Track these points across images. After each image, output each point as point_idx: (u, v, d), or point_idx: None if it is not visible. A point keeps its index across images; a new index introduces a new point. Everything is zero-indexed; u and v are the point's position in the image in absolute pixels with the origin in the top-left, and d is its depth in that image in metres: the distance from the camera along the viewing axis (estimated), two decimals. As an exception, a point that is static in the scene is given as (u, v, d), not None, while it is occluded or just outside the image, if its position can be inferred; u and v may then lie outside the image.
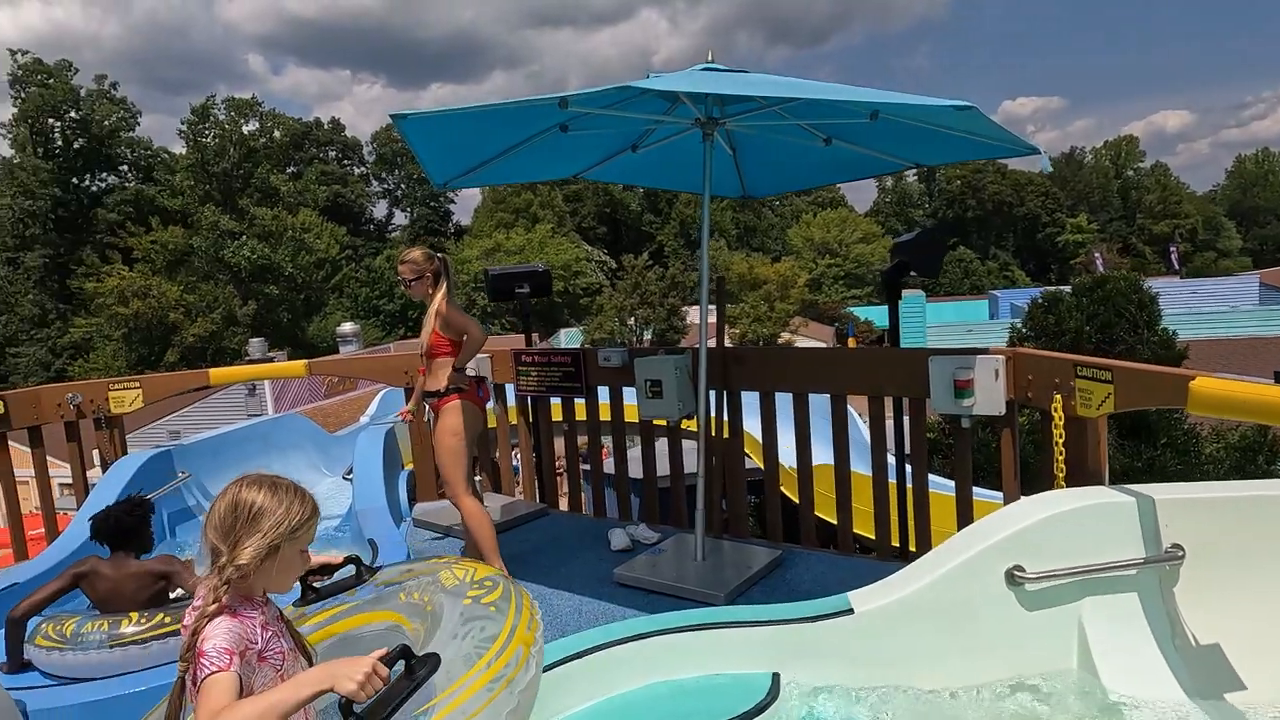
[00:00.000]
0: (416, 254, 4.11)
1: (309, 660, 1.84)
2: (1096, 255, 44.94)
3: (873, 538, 4.47)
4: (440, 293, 4.08)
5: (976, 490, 4.07)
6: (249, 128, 48.69)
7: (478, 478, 4.69)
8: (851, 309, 41.58)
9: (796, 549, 4.47)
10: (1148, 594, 2.65)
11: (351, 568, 2.28)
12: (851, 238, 52.84)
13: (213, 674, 1.56)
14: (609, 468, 5.72)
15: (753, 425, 4.84)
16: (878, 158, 4.37)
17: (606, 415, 5.31)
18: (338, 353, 22.75)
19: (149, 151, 48.45)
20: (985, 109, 2.77)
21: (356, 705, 1.51)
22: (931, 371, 3.83)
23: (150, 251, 42.73)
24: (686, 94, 3.76)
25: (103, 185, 47.11)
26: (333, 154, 56.86)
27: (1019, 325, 12.10)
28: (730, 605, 3.54)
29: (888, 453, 4.37)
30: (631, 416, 5.06)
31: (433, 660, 1.64)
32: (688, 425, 4.80)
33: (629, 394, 5.02)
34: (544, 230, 47.24)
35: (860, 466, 4.70)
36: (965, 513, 3.95)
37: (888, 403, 4.31)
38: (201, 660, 1.58)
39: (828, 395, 4.50)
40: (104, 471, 5.45)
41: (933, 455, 7.73)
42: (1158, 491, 2.71)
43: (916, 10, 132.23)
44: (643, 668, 2.62)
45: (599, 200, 55.08)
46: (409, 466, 6.21)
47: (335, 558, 2.20)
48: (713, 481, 4.55)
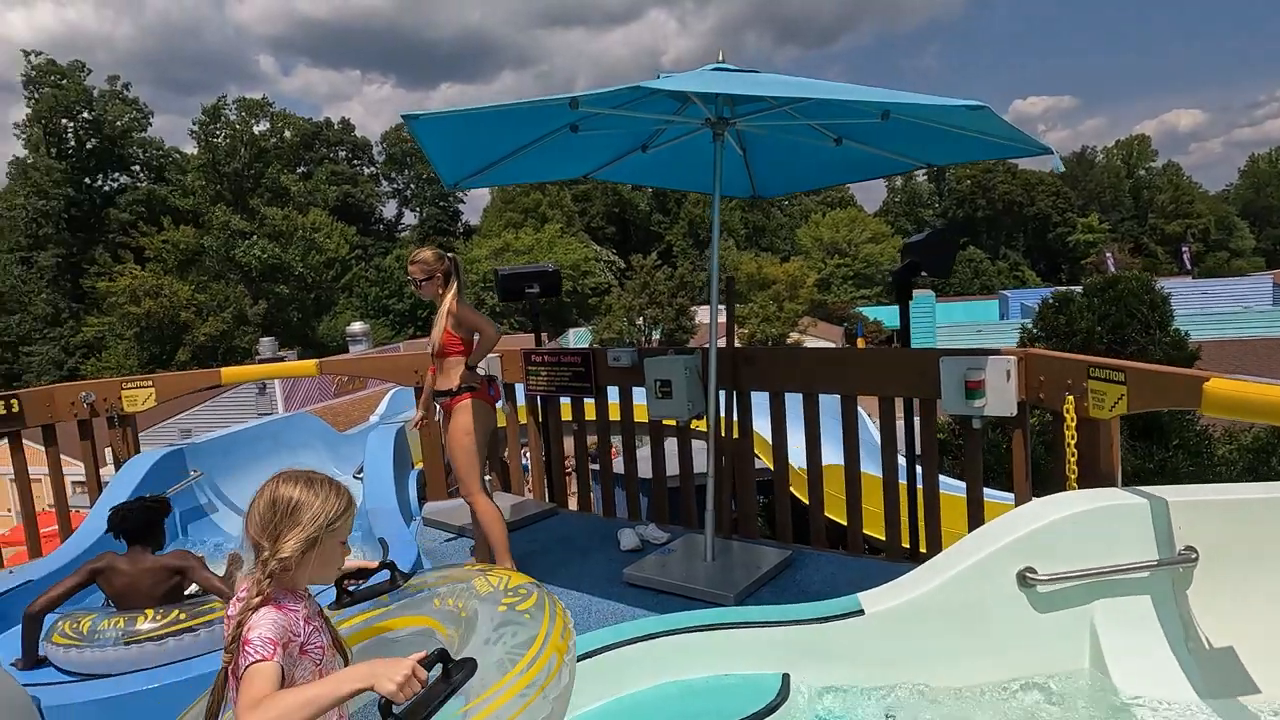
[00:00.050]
0: (427, 254, 4.12)
1: (345, 658, 1.86)
2: (1108, 255, 44.70)
3: (882, 539, 4.46)
4: (451, 292, 4.09)
5: (986, 491, 4.05)
6: (260, 128, 48.98)
7: (487, 477, 4.69)
8: (860, 309, 41.47)
9: (806, 549, 4.46)
10: (1161, 596, 2.64)
11: (386, 573, 2.30)
12: (861, 237, 52.66)
13: (256, 663, 1.58)
14: (618, 467, 5.71)
15: (762, 426, 4.84)
16: (888, 158, 4.36)
17: (616, 415, 5.32)
18: (347, 352, 22.82)
19: (161, 152, 48.77)
20: (995, 108, 2.75)
21: (395, 706, 1.52)
22: (943, 372, 3.81)
23: (162, 251, 43.00)
24: (697, 94, 3.77)
25: (115, 185, 47.44)
26: (343, 154, 57.07)
27: (1029, 326, 12.04)
28: (740, 606, 3.54)
29: (897, 454, 4.36)
30: (641, 416, 5.06)
31: (469, 665, 1.65)
32: (697, 425, 4.80)
33: (638, 394, 5.03)
34: (553, 230, 47.28)
35: (869, 467, 4.68)
36: (976, 514, 3.93)
37: (898, 403, 4.30)
38: (246, 648, 1.60)
39: (837, 396, 4.50)
40: (117, 470, 5.49)
41: (942, 456, 7.70)
42: (1171, 493, 2.70)
43: (926, 10, 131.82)
44: (652, 668, 2.63)
45: (608, 200, 55.09)
46: (419, 466, 6.23)
47: (370, 563, 2.22)
48: (722, 482, 4.54)
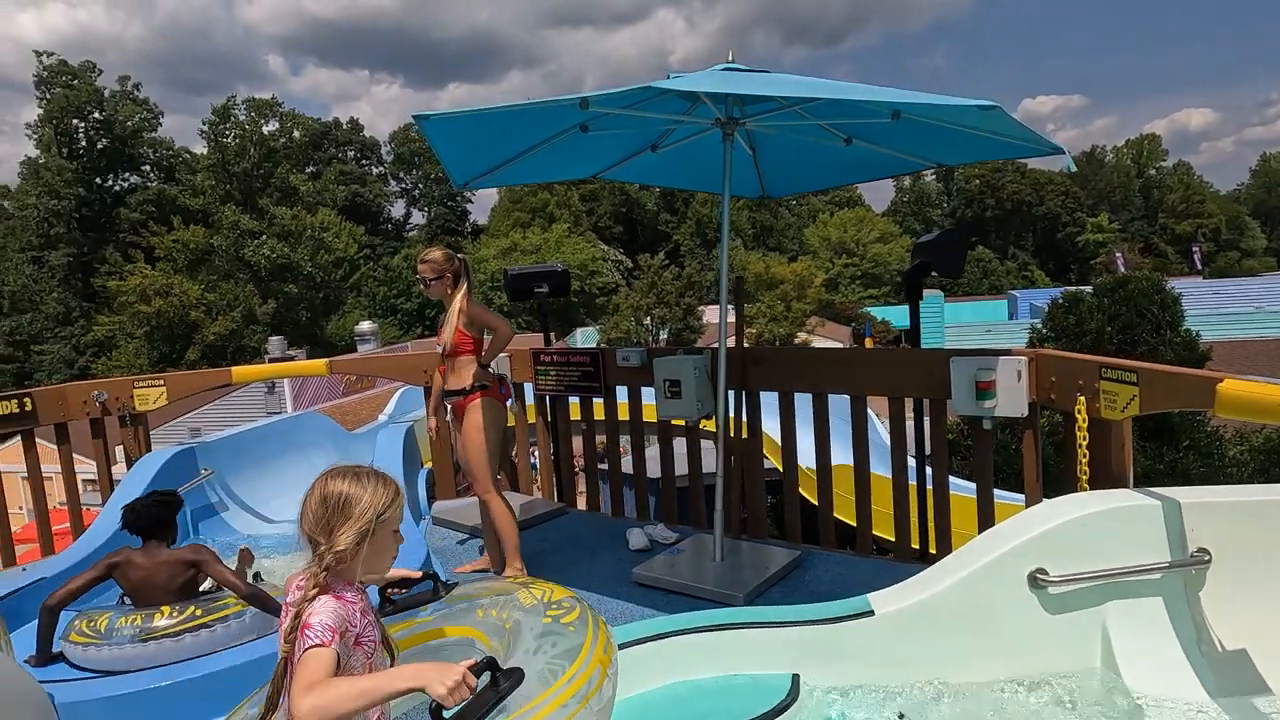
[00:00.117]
0: (437, 254, 4.13)
1: (392, 656, 1.90)
2: (1118, 255, 44.53)
3: (891, 539, 4.45)
4: (461, 292, 4.10)
5: (995, 492, 4.04)
6: (269, 128, 49.13)
7: (497, 476, 4.70)
8: (868, 309, 41.38)
9: (815, 550, 4.46)
10: (1173, 598, 2.63)
11: (429, 583, 2.33)
12: (869, 237, 52.57)
13: (315, 647, 1.62)
14: (626, 467, 5.72)
15: (770, 427, 4.83)
16: (899, 158, 4.34)
17: (625, 415, 5.32)
18: (356, 351, 22.88)
19: (171, 152, 49.00)
20: (1004, 108, 2.74)
21: (445, 711, 1.54)
22: (953, 372, 3.81)
23: (172, 250, 43.19)
24: (707, 94, 3.76)
25: (125, 185, 47.69)
26: (351, 154, 57.26)
27: (1039, 326, 12.00)
28: (749, 606, 3.54)
29: (907, 454, 4.35)
30: (650, 416, 5.06)
31: (517, 674, 1.68)
32: (706, 425, 4.80)
33: (647, 394, 5.03)
34: (560, 230, 47.32)
35: (878, 468, 4.67)
36: (986, 515, 3.93)
37: (907, 404, 4.29)
38: (306, 632, 1.65)
39: (846, 396, 4.49)
40: (128, 468, 5.52)
41: (950, 456, 7.67)
42: (1183, 495, 2.69)
43: (934, 10, 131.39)
44: (662, 668, 2.63)
45: (615, 200, 55.09)
46: (428, 465, 6.24)
47: (414, 573, 2.24)
48: (731, 482, 4.54)
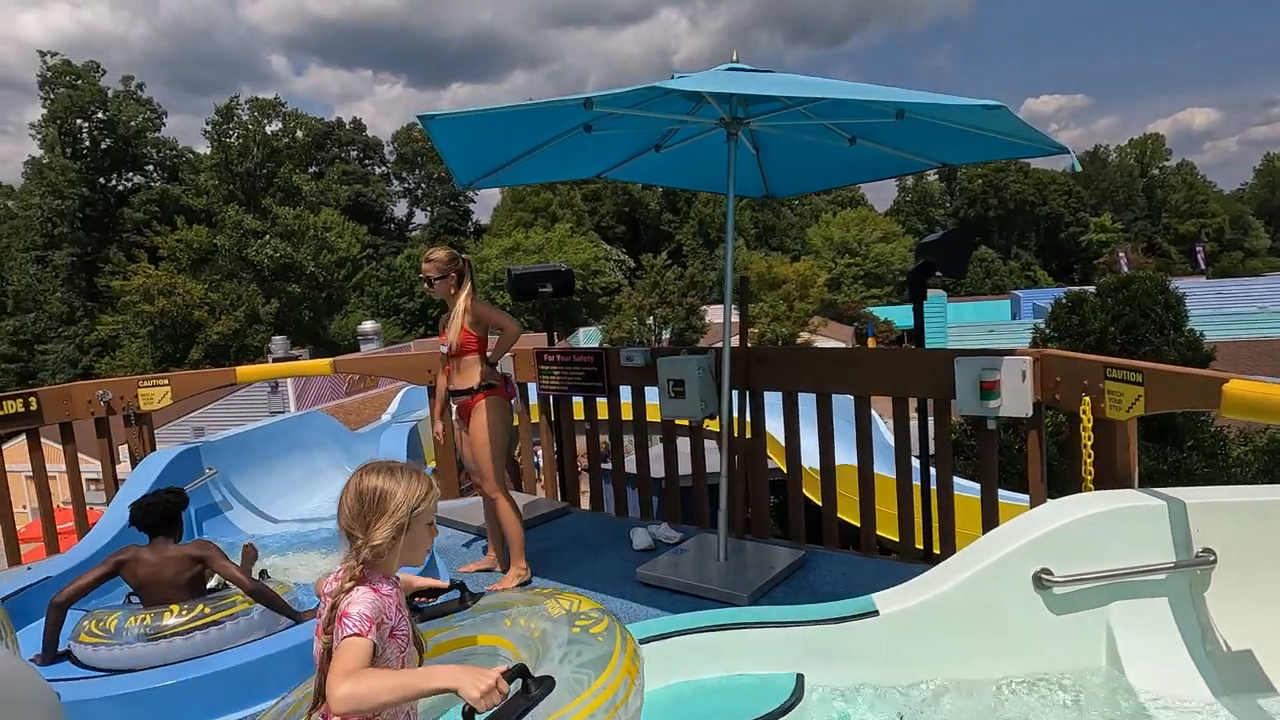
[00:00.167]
0: (441, 253, 4.14)
1: (420, 651, 1.92)
2: (1121, 255, 44.43)
3: (895, 540, 4.44)
4: (464, 292, 4.10)
5: (999, 493, 4.04)
6: (272, 128, 49.13)
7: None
8: (871, 309, 41.33)
9: (819, 550, 4.46)
10: (1178, 598, 2.63)
11: (456, 592, 2.34)
12: (871, 237, 52.48)
13: (353, 635, 1.65)
14: (630, 467, 5.72)
15: (774, 427, 4.83)
16: (903, 157, 4.34)
17: (629, 415, 5.32)
18: (359, 351, 22.90)
19: (174, 151, 49.06)
20: (1008, 108, 2.73)
21: (478, 715, 1.56)
22: (957, 373, 3.80)
23: (175, 250, 43.25)
24: (711, 94, 3.76)
25: (129, 185, 47.75)
26: (354, 154, 57.28)
27: (1042, 326, 11.99)
28: (753, 606, 3.54)
29: (911, 454, 4.35)
30: (654, 416, 5.06)
31: (548, 682, 1.69)
32: (709, 425, 4.80)
33: (650, 393, 5.03)
34: (563, 229, 47.30)
35: (881, 468, 4.67)
36: (990, 515, 3.92)
37: (910, 404, 4.28)
38: (344, 620, 1.68)
39: (850, 396, 4.49)
40: (133, 468, 5.53)
41: (954, 457, 7.67)
42: (1188, 495, 2.68)
43: (936, 9, 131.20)
44: (665, 668, 2.63)
45: (618, 199, 55.06)
46: (431, 465, 6.25)
47: (442, 583, 2.25)
48: (735, 482, 4.54)
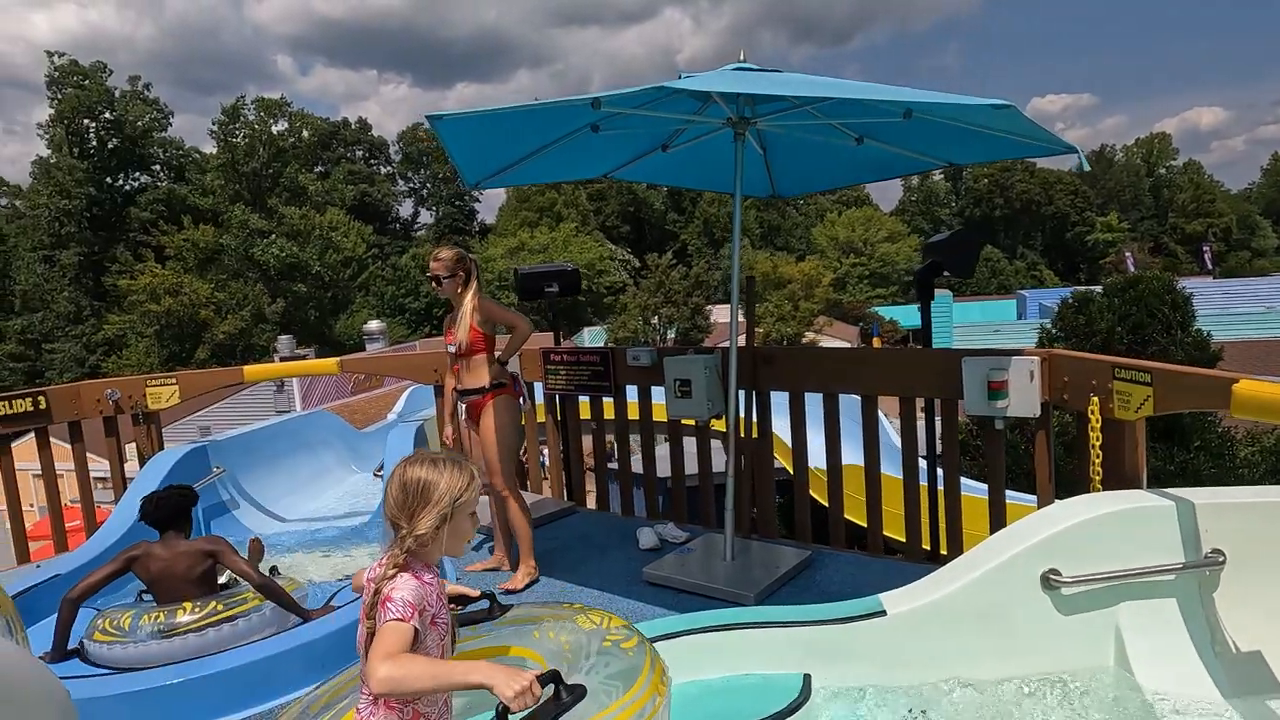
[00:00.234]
0: (449, 253, 4.15)
1: (454, 641, 1.97)
2: (1127, 255, 44.29)
3: (901, 540, 4.44)
4: (472, 291, 4.11)
5: (1006, 493, 4.03)
6: (278, 128, 49.25)
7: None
8: (876, 308, 41.25)
9: (826, 550, 4.45)
10: (1187, 599, 2.62)
11: (485, 602, 2.35)
12: (877, 237, 52.39)
13: (395, 620, 1.69)
14: (636, 466, 5.72)
15: (780, 427, 4.83)
16: (910, 157, 4.33)
17: (635, 414, 5.32)
18: (364, 350, 22.95)
19: (181, 151, 49.22)
20: (1017, 107, 2.73)
21: (511, 716, 1.57)
22: (965, 372, 3.80)
23: (182, 250, 43.39)
24: (719, 94, 3.76)
25: (136, 184, 47.90)
26: (360, 153, 57.37)
27: (1048, 325, 11.95)
28: (760, 605, 3.54)
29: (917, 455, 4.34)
30: (660, 416, 5.06)
31: (579, 690, 1.71)
32: (716, 425, 4.80)
33: (657, 393, 5.03)
34: (568, 229, 47.30)
35: (886, 468, 4.67)
36: (998, 515, 3.91)
37: (917, 404, 4.27)
38: (388, 604, 1.72)
39: (856, 396, 4.48)
40: (141, 466, 5.55)
41: (960, 457, 7.66)
42: (1197, 496, 2.68)
43: (941, 9, 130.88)
44: (672, 667, 2.60)
45: (623, 199, 55.05)
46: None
47: (472, 591, 2.26)
48: (742, 481, 4.54)
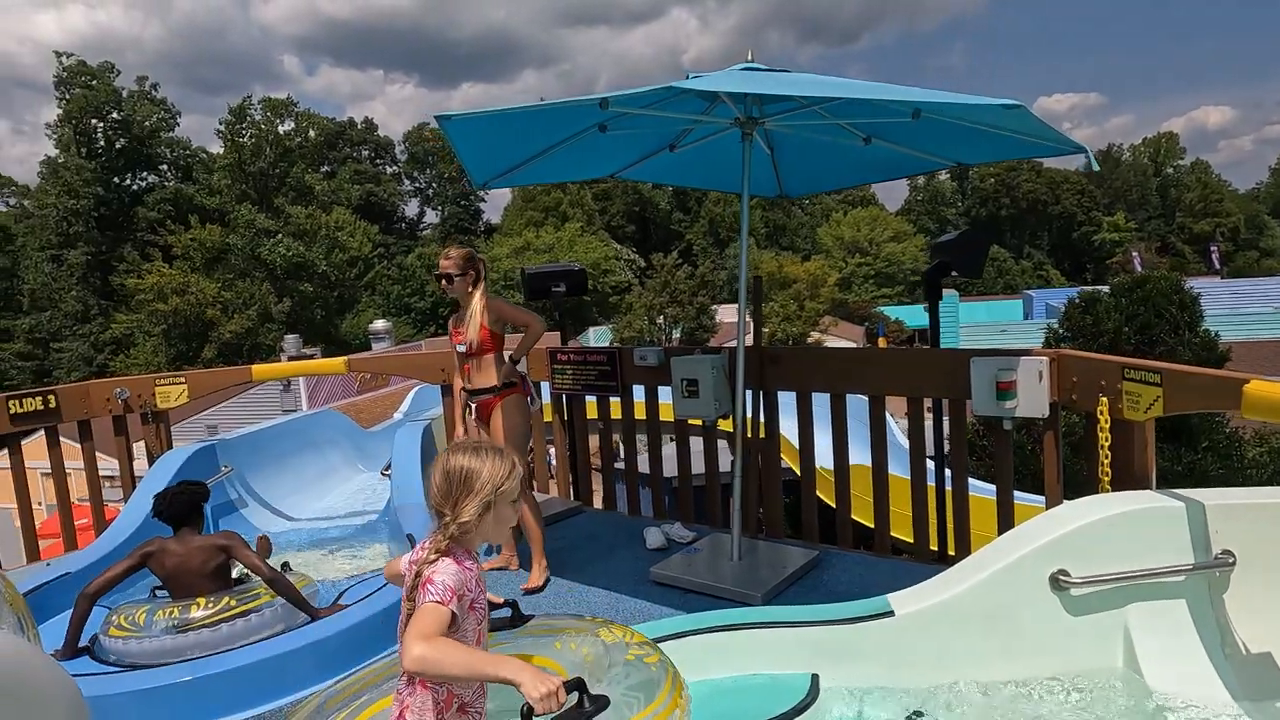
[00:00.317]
0: (460, 251, 4.16)
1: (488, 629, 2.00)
2: (1134, 254, 44.10)
3: (908, 541, 4.43)
4: (480, 290, 4.12)
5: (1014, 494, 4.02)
6: (284, 127, 49.33)
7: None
8: (882, 308, 41.17)
9: (833, 550, 4.45)
10: (1196, 600, 2.61)
11: (508, 610, 2.36)
12: (882, 236, 52.28)
13: (434, 602, 1.73)
14: (643, 466, 5.72)
15: (787, 428, 4.82)
16: (918, 157, 4.33)
17: (642, 414, 5.32)
18: (370, 349, 22.99)
19: (188, 151, 49.37)
20: (1026, 106, 2.71)
21: (535, 717, 1.58)
22: (973, 373, 3.79)
23: (189, 249, 43.47)
24: (727, 94, 3.76)
25: (143, 184, 48.06)
26: (366, 153, 57.47)
27: (1055, 325, 11.93)
28: (767, 605, 3.54)
29: (925, 455, 4.33)
30: (667, 416, 5.06)
31: (602, 700, 1.72)
32: (723, 425, 4.79)
33: (664, 393, 5.03)
34: (573, 229, 47.31)
35: (894, 469, 4.66)
36: (1006, 516, 3.91)
37: (925, 404, 4.27)
38: (428, 587, 1.75)
39: (863, 397, 4.47)
40: (149, 465, 5.57)
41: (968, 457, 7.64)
42: (1207, 497, 2.67)
43: (949, 8, 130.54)
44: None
45: (628, 199, 55.04)
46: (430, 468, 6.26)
47: (495, 598, 2.27)
48: (749, 481, 4.54)
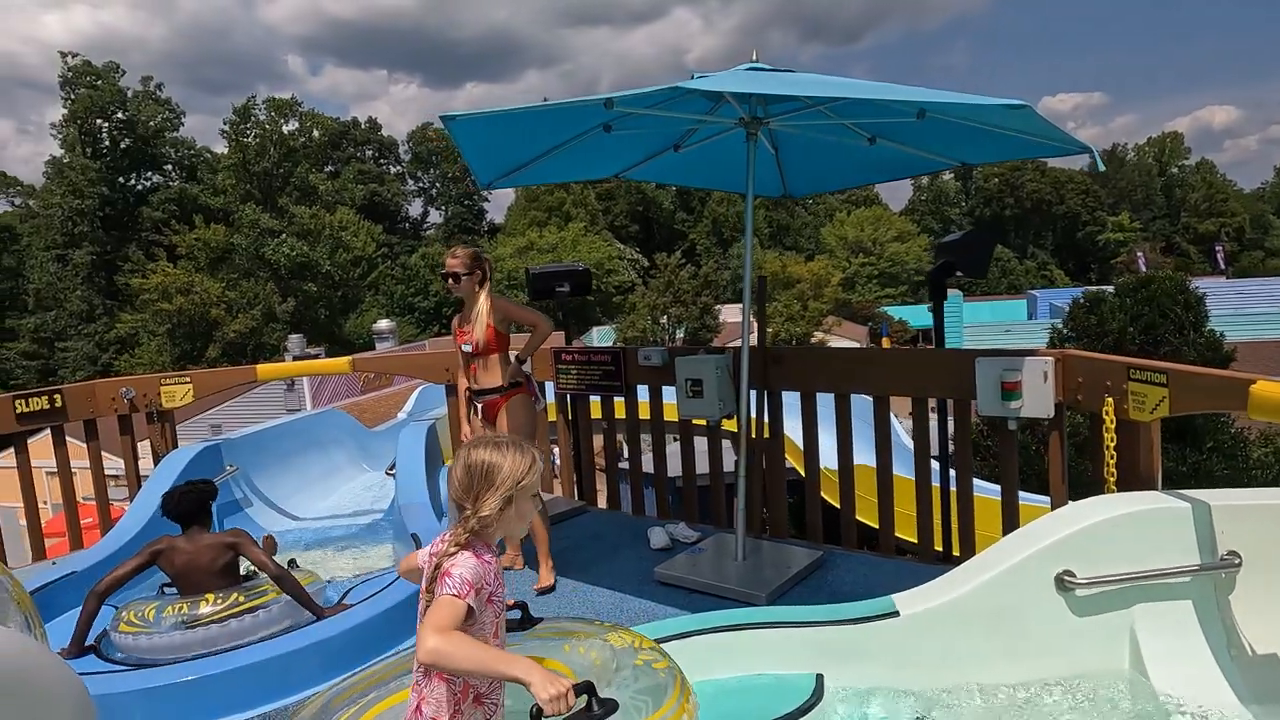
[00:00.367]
0: (467, 251, 4.17)
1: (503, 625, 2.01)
2: (1139, 254, 43.96)
3: (913, 541, 4.43)
4: (486, 291, 4.13)
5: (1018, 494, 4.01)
6: (288, 127, 49.40)
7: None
8: (885, 308, 41.13)
9: (837, 550, 4.45)
10: (1203, 601, 2.61)
11: (517, 612, 2.37)
12: (886, 236, 52.21)
13: (451, 595, 1.73)
14: (647, 466, 5.73)
15: (790, 428, 4.82)
16: (922, 157, 4.32)
17: (646, 414, 5.33)
18: (374, 349, 23.00)
19: (192, 151, 49.48)
20: (1032, 106, 2.71)
21: (544, 718, 1.58)
22: (978, 373, 3.79)
23: (193, 249, 43.57)
24: (732, 94, 3.76)
25: (148, 184, 48.18)
26: (369, 153, 57.52)
27: (1059, 326, 11.90)
28: (772, 606, 3.54)
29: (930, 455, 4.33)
30: (671, 415, 5.07)
31: (611, 704, 1.72)
32: (727, 425, 4.79)
33: (668, 393, 5.03)
34: (577, 229, 47.31)
35: (898, 470, 4.65)
36: (1011, 516, 3.90)
37: (929, 404, 4.26)
38: (446, 579, 1.77)
39: (868, 397, 4.47)
40: (155, 464, 5.59)
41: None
42: (1213, 497, 2.66)
43: (952, 7, 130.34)
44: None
45: (631, 199, 55.04)
46: (449, 463, 6.28)
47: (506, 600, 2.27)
48: (753, 481, 4.54)
